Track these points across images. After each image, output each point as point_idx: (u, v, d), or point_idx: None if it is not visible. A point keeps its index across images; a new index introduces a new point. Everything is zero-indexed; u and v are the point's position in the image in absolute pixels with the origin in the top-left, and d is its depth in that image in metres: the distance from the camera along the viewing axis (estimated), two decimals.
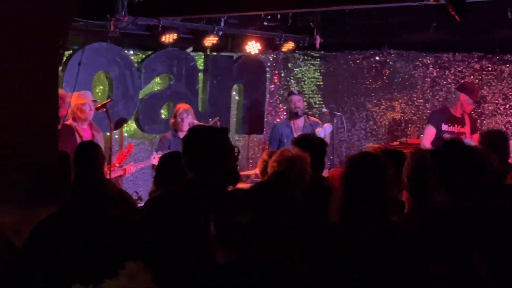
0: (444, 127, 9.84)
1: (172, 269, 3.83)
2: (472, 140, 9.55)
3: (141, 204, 6.86)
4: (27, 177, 3.12)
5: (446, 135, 9.53)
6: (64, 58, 9.87)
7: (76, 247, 2.96)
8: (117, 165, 9.30)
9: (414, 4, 8.19)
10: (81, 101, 8.71)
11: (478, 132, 9.92)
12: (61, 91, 8.22)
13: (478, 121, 11.17)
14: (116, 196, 6.23)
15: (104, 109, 8.92)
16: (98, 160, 6.37)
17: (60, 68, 9.69)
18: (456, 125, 9.89)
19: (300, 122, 10.61)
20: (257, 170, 6.01)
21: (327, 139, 10.05)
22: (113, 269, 2.91)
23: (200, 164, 4.44)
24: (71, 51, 10.00)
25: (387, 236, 3.80)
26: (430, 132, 9.89)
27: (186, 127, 9.66)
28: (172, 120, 9.92)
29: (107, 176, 7.99)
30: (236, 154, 4.60)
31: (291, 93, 10.93)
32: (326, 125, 10.60)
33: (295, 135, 10.23)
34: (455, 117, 9.94)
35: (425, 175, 4.04)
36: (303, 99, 10.93)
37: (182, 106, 9.84)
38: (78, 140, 8.26)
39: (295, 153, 5.76)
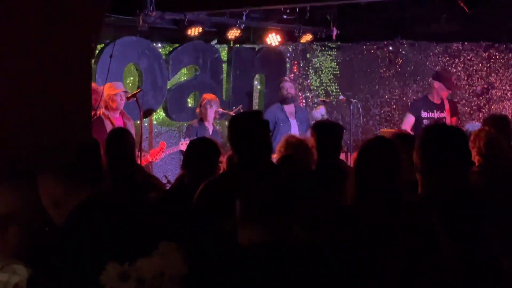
0: (424, 114, 9.91)
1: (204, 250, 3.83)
2: (451, 122, 9.69)
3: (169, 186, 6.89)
4: (71, 159, 3.13)
5: (426, 122, 9.60)
6: (97, 52, 9.91)
7: (112, 228, 2.97)
8: (151, 160, 9.36)
9: None
10: (112, 91, 8.73)
11: (458, 115, 10.28)
12: (93, 84, 8.26)
13: (459, 105, 11.26)
14: (143, 182, 6.27)
15: (135, 99, 8.94)
16: (127, 145, 6.41)
17: (93, 61, 9.74)
18: (435, 111, 9.94)
19: (291, 107, 10.76)
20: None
21: (325, 118, 10.23)
22: (147, 248, 2.92)
23: (245, 148, 4.46)
24: (103, 44, 10.01)
25: (402, 216, 3.76)
26: (408, 120, 10.01)
27: (211, 116, 9.74)
28: (198, 110, 9.96)
29: (138, 161, 8.02)
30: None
31: (283, 80, 11.02)
32: (320, 107, 10.96)
33: (290, 119, 10.56)
34: (434, 104, 9.97)
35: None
36: (295, 87, 11.02)
37: (207, 97, 9.87)
38: (111, 128, 8.28)
39: (299, 138, 5.85)
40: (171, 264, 2.95)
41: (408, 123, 9.92)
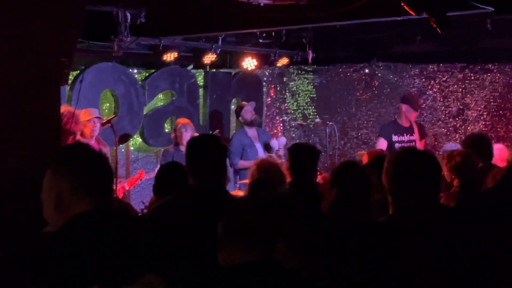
0: (395, 137, 9.93)
1: (182, 276, 3.78)
2: (421, 145, 9.75)
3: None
4: (88, 160, 3.10)
5: (397, 145, 9.63)
6: (72, 78, 9.87)
7: (101, 250, 2.91)
8: (127, 188, 9.30)
9: (399, 18, 8.15)
10: (86, 117, 8.68)
11: (426, 138, 10.33)
12: (71, 109, 8.21)
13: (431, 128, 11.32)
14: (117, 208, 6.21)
15: (109, 125, 8.90)
16: None
17: (68, 87, 9.70)
18: (405, 134, 9.97)
19: (253, 131, 10.70)
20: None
21: (280, 152, 10.12)
22: (131, 276, 2.87)
23: (201, 170, 4.41)
24: (78, 71, 9.98)
25: (372, 235, 3.77)
26: (381, 144, 9.96)
27: (186, 140, 9.64)
28: (172, 135, 9.93)
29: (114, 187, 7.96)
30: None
31: (243, 105, 10.95)
32: (280, 137, 10.95)
33: (255, 143, 10.51)
34: (404, 127, 10.00)
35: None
36: (252, 110, 11.00)
37: (181, 121, 9.85)
38: None
39: (270, 162, 5.86)
40: None
41: (381, 146, 9.94)
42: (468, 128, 11.76)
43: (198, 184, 4.42)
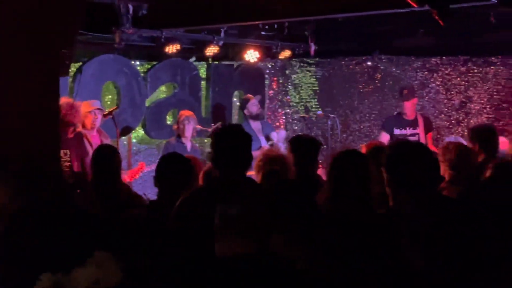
0: (396, 131, 9.90)
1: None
2: (426, 139, 9.69)
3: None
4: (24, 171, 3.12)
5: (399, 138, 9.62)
6: (74, 70, 9.87)
7: (46, 238, 2.93)
8: (128, 181, 9.30)
9: (401, 10, 8.13)
10: (87, 109, 8.66)
11: (432, 131, 10.23)
12: (70, 100, 8.21)
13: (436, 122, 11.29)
14: (126, 200, 6.22)
15: (111, 116, 8.91)
16: (114, 163, 6.39)
17: (71, 79, 9.70)
18: (407, 128, 9.91)
19: (257, 124, 10.70)
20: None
21: (280, 144, 10.09)
22: (81, 257, 2.89)
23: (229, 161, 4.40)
24: (81, 63, 9.97)
25: (373, 227, 3.76)
26: (383, 137, 9.92)
27: (189, 133, 9.67)
28: (175, 127, 9.91)
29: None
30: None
31: (248, 98, 10.93)
32: (280, 130, 10.91)
33: (258, 136, 10.42)
34: (407, 120, 9.94)
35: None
36: (259, 104, 10.99)
37: (184, 113, 9.83)
38: (87, 146, 8.21)
39: (277, 153, 5.85)
40: (106, 272, 2.92)
41: (383, 140, 9.90)
42: (471, 121, 11.73)
43: (225, 176, 4.40)
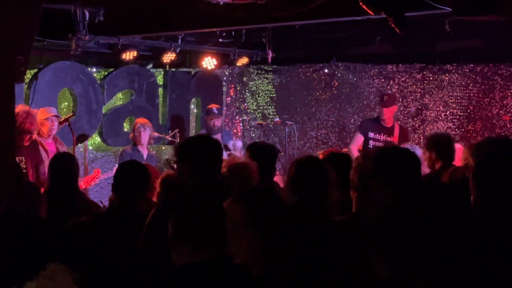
0: (371, 134, 9.90)
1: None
2: None
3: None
4: None
5: (372, 142, 9.64)
6: (30, 76, 9.77)
7: None
8: (84, 187, 9.21)
9: (358, 18, 8.19)
10: (43, 116, 8.57)
11: (405, 143, 10.03)
12: (26, 108, 8.11)
13: (415, 129, 11.31)
14: (80, 208, 6.16)
15: (67, 123, 8.83)
16: (72, 170, 6.33)
17: (26, 86, 9.60)
18: (382, 134, 9.91)
19: (218, 136, 10.58)
20: None
21: (237, 153, 10.07)
22: (33, 270, 2.85)
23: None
24: (37, 69, 9.87)
25: (329, 234, 3.77)
26: (357, 139, 9.98)
27: (145, 140, 9.64)
28: (131, 135, 9.86)
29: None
30: None
31: (210, 112, 10.70)
32: (236, 140, 10.93)
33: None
34: (384, 127, 9.95)
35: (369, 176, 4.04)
36: (222, 118, 11.02)
37: (140, 121, 9.81)
38: (43, 153, 8.13)
39: (242, 161, 5.84)
40: (59, 285, 2.89)
41: (356, 142, 9.92)
42: (427, 128, 11.86)
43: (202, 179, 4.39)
